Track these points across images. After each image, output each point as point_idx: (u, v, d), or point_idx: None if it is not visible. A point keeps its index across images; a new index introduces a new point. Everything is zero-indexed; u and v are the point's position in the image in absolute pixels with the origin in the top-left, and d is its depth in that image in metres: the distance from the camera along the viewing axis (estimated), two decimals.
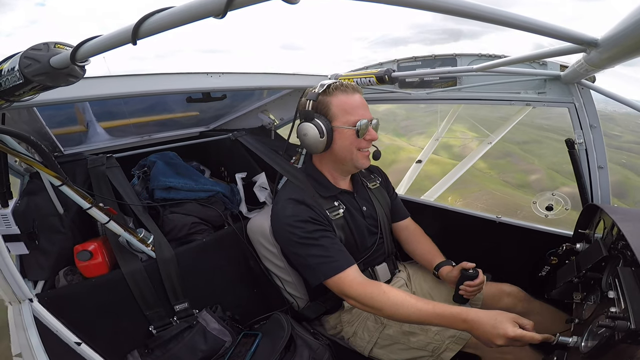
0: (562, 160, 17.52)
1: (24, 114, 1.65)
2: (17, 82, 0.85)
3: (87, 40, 0.80)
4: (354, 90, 1.71)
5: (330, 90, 1.69)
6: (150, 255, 1.75)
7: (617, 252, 1.25)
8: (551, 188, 11.70)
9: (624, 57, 1.01)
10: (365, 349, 1.82)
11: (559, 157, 17.44)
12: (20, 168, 1.77)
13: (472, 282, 1.73)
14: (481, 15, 0.78)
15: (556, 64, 1.89)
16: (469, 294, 1.76)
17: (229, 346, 1.76)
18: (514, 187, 15.99)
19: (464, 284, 1.74)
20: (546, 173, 17.47)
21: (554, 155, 17.75)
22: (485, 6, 0.78)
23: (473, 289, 1.74)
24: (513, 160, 15.15)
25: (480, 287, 1.76)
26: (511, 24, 0.84)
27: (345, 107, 1.67)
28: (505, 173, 15.73)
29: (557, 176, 17.28)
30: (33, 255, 1.58)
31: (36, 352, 1.24)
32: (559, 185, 16.19)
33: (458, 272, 1.78)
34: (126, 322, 1.71)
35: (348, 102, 1.68)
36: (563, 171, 17.25)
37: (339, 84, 1.71)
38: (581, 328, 1.26)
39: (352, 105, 1.68)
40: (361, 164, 1.76)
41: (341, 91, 1.69)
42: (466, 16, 0.78)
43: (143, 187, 2.11)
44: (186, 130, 2.81)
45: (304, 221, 1.63)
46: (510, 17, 0.82)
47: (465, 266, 1.76)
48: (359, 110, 1.68)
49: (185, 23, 0.70)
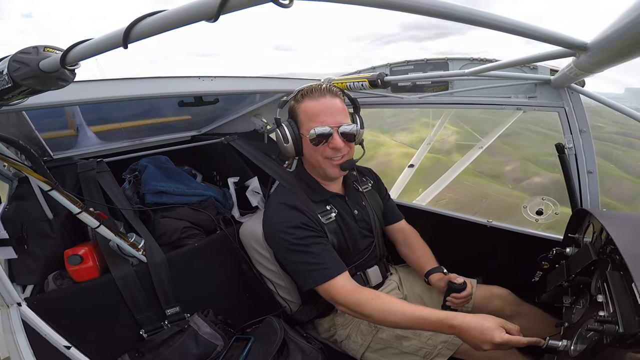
0: (539, 152, 18.35)
1: (12, 118, 1.64)
2: (6, 86, 0.84)
3: (78, 43, 0.79)
4: (322, 94, 1.66)
5: (299, 96, 1.70)
6: (141, 259, 1.75)
7: (606, 256, 1.25)
8: (523, 178, 12.02)
9: (613, 61, 1.01)
10: (357, 353, 1.82)
11: (535, 148, 18.12)
12: (9, 173, 1.76)
13: (459, 294, 1.74)
14: (472, 19, 0.79)
15: (546, 68, 1.90)
16: (456, 305, 1.77)
17: (221, 350, 1.76)
18: (488, 177, 16.45)
19: (451, 295, 1.76)
20: (521, 164, 17.97)
21: (531, 147, 18.28)
22: (476, 10, 0.78)
23: (460, 300, 1.75)
24: (490, 152, 15.47)
25: (468, 299, 1.77)
26: (502, 27, 0.84)
27: (308, 113, 1.66)
28: (481, 164, 16.05)
29: (531, 166, 17.84)
30: (22, 260, 1.57)
31: (24, 356, 1.23)
32: (532, 175, 16.93)
33: (446, 283, 1.79)
34: (117, 325, 1.70)
35: (312, 107, 1.65)
36: (538, 161, 18.01)
37: (308, 89, 1.69)
38: (570, 332, 1.27)
39: (315, 111, 1.64)
40: (330, 173, 1.73)
41: (309, 97, 1.67)
42: (458, 20, 0.77)
43: (134, 192, 2.10)
44: (178, 135, 2.80)
45: (295, 227, 1.63)
46: (500, 21, 0.83)
47: (453, 279, 1.76)
48: (321, 116, 1.63)
49: (177, 27, 0.69)
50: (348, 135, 1.67)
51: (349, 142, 1.69)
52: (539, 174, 16.81)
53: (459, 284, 1.74)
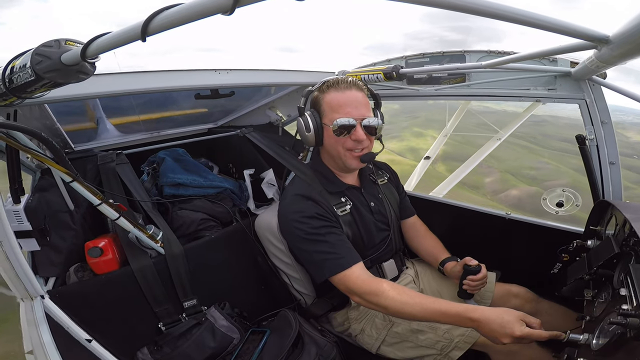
0: (520, 165, 19.50)
1: (35, 110, 1.66)
2: (29, 79, 0.86)
3: (97, 37, 0.81)
4: (348, 87, 1.68)
5: (324, 87, 1.71)
6: (159, 251, 1.76)
7: (629, 249, 1.23)
8: (504, 189, 12.14)
9: (635, 53, 1.01)
10: (373, 346, 1.82)
11: (517, 162, 19.41)
12: (32, 164, 1.79)
13: (475, 276, 1.74)
14: (495, 13, 0.79)
15: (566, 61, 1.87)
16: (472, 288, 1.76)
17: (237, 343, 1.77)
18: (468, 188, 17.39)
19: (467, 279, 1.75)
20: (500, 175, 19.21)
21: (514, 160, 19.54)
22: (499, 4, 0.79)
23: (476, 283, 1.74)
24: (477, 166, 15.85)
25: (484, 281, 1.77)
26: (523, 21, 0.84)
27: (333, 104, 1.67)
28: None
29: (510, 177, 19.18)
30: (44, 252, 1.59)
31: (48, 349, 1.24)
32: (510, 187, 18.07)
33: (461, 268, 1.79)
34: (136, 319, 1.72)
35: (337, 99, 1.67)
36: (519, 174, 19.25)
37: (334, 80, 1.70)
38: (592, 325, 1.25)
39: (340, 102, 1.66)
40: (349, 164, 1.74)
41: (334, 88, 1.68)
42: (481, 14, 0.78)
43: (152, 184, 2.13)
44: (194, 127, 2.82)
45: (311, 217, 1.63)
46: (522, 15, 0.83)
47: (468, 262, 1.76)
48: (345, 108, 1.65)
49: (194, 20, 0.70)
50: (370, 128, 1.69)
51: (370, 135, 1.70)
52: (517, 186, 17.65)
53: (474, 266, 1.74)
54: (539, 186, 20.34)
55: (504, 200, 17.56)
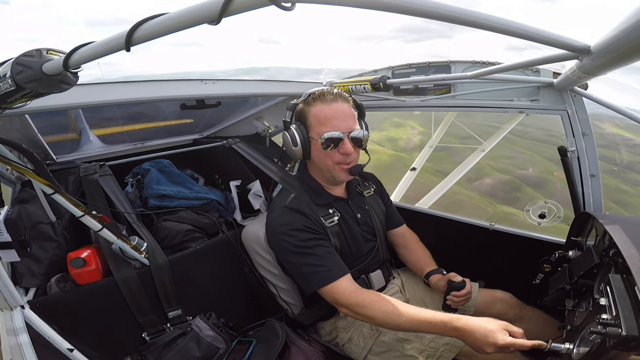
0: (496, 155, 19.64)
1: (15, 121, 1.65)
2: (9, 89, 0.84)
3: (80, 46, 0.80)
4: (334, 99, 1.67)
5: (309, 99, 1.70)
6: (143, 262, 1.74)
7: (609, 260, 1.25)
8: (478, 177, 12.75)
9: (616, 64, 1.02)
10: (360, 356, 1.81)
11: (493, 151, 19.44)
12: (12, 176, 1.77)
13: (459, 292, 1.74)
14: (476, 22, 0.80)
15: (549, 71, 1.91)
16: (456, 304, 1.77)
17: (223, 353, 1.75)
18: (443, 175, 18.50)
19: (451, 294, 1.76)
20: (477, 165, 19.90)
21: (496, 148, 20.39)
22: (479, 13, 0.80)
23: (460, 299, 1.75)
24: (451, 153, 15.87)
25: (468, 297, 1.77)
26: (506, 30, 0.85)
27: (319, 117, 1.66)
28: (442, 164, 16.94)
29: (485, 166, 19.68)
30: (25, 263, 1.57)
31: (27, 358, 1.23)
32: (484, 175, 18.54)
33: (446, 283, 1.79)
34: (119, 328, 1.70)
35: (323, 112, 1.66)
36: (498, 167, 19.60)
37: (320, 92, 1.69)
38: (573, 335, 1.27)
39: (327, 115, 1.65)
40: (338, 177, 1.74)
41: (320, 100, 1.67)
42: (460, 23, 0.79)
43: (137, 195, 2.11)
44: (180, 138, 2.81)
45: (299, 230, 1.63)
46: (503, 24, 0.84)
47: (453, 278, 1.77)
48: (333, 121, 1.64)
49: (179, 30, 0.70)
50: (357, 140, 1.69)
51: (357, 147, 1.71)
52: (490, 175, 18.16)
53: (458, 282, 1.75)
54: (512, 175, 20.89)
55: (477, 189, 17.83)
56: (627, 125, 20.18)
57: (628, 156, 20.88)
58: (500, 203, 19.75)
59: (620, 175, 20.23)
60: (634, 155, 21.36)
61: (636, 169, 20.97)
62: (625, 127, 20.39)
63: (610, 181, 18.33)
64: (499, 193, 20.29)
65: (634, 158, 21.11)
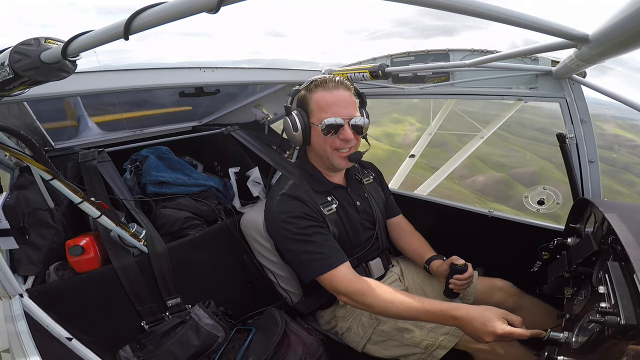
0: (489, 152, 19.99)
1: (14, 108, 1.64)
2: (7, 77, 0.85)
3: (79, 35, 0.80)
4: (336, 86, 1.69)
5: (312, 86, 1.71)
6: (142, 249, 1.74)
7: (608, 247, 1.24)
8: (472, 174, 12.89)
9: (614, 52, 1.02)
10: (358, 345, 1.83)
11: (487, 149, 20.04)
12: (10, 162, 1.75)
13: (461, 275, 1.75)
14: (475, 11, 0.80)
15: (547, 59, 1.90)
16: (459, 287, 1.77)
17: (222, 341, 1.76)
18: (435, 170, 18.61)
19: (453, 278, 1.76)
20: (470, 160, 19.86)
21: (485, 146, 20.47)
22: (479, 2, 0.80)
23: (462, 282, 1.76)
24: (446, 149, 15.96)
25: (470, 280, 1.78)
26: (505, 19, 0.85)
27: (321, 103, 1.67)
28: (436, 160, 17.26)
29: (479, 164, 19.79)
30: (23, 250, 1.56)
31: (26, 347, 1.22)
32: (477, 173, 18.71)
33: (448, 266, 1.80)
34: (118, 317, 1.70)
35: (325, 98, 1.67)
36: (488, 161, 20.05)
37: (322, 80, 1.70)
38: (572, 323, 1.27)
39: (328, 102, 1.66)
40: (337, 163, 1.75)
41: (322, 87, 1.68)
42: (459, 12, 0.79)
43: (135, 182, 2.10)
44: (179, 125, 2.80)
45: (297, 217, 1.63)
46: (502, 13, 0.84)
47: (455, 261, 1.77)
48: (334, 107, 1.65)
49: (178, 18, 0.70)
50: (357, 127, 1.69)
51: (357, 135, 1.71)
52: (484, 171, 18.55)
53: (461, 265, 1.75)
54: (506, 173, 20.99)
55: (470, 185, 17.89)
56: (628, 126, 20.25)
57: (626, 157, 20.97)
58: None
59: (615, 176, 20.30)
60: (632, 156, 21.44)
61: (632, 170, 21.04)
62: (627, 127, 20.48)
63: (605, 182, 18.45)
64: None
65: (632, 159, 21.19)
